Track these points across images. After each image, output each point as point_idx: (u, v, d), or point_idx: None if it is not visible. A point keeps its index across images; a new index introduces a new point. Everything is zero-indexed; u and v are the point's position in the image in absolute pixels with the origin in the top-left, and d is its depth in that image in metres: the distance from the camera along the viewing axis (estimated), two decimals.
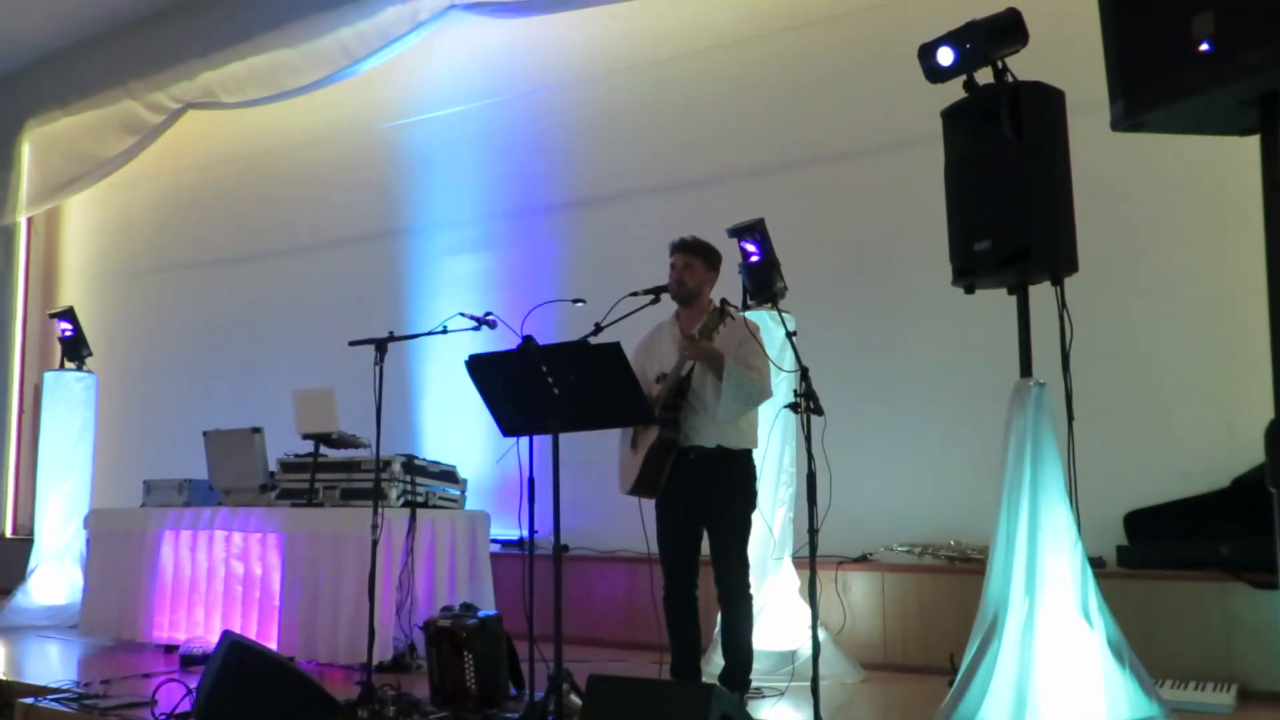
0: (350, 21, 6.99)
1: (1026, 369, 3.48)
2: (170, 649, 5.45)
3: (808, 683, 3.43)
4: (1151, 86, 2.32)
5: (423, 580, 5.00)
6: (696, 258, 4.03)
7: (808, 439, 3.48)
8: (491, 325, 4.24)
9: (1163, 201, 4.92)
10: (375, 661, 4.17)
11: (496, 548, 5.72)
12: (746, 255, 4.64)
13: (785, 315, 4.03)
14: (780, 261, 4.65)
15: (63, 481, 7.13)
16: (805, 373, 3.59)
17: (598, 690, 3.15)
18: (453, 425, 6.81)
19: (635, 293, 3.91)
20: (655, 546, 4.00)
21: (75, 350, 7.21)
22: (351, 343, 4.37)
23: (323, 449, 5.46)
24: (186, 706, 3.80)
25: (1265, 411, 2.21)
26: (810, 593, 3.44)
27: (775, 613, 4.62)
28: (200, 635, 5.36)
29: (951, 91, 3.60)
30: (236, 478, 5.69)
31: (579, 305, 4.15)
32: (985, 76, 3.52)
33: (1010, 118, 3.37)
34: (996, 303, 3.68)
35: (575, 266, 6.62)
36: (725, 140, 6.18)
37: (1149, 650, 3.51)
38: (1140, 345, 4.88)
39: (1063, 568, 3.25)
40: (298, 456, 5.56)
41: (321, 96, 7.54)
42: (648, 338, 4.15)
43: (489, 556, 5.43)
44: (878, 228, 5.63)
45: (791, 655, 4.50)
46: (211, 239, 8.48)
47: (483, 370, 3.62)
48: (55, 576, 6.91)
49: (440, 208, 7.30)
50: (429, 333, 4.51)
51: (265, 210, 8.17)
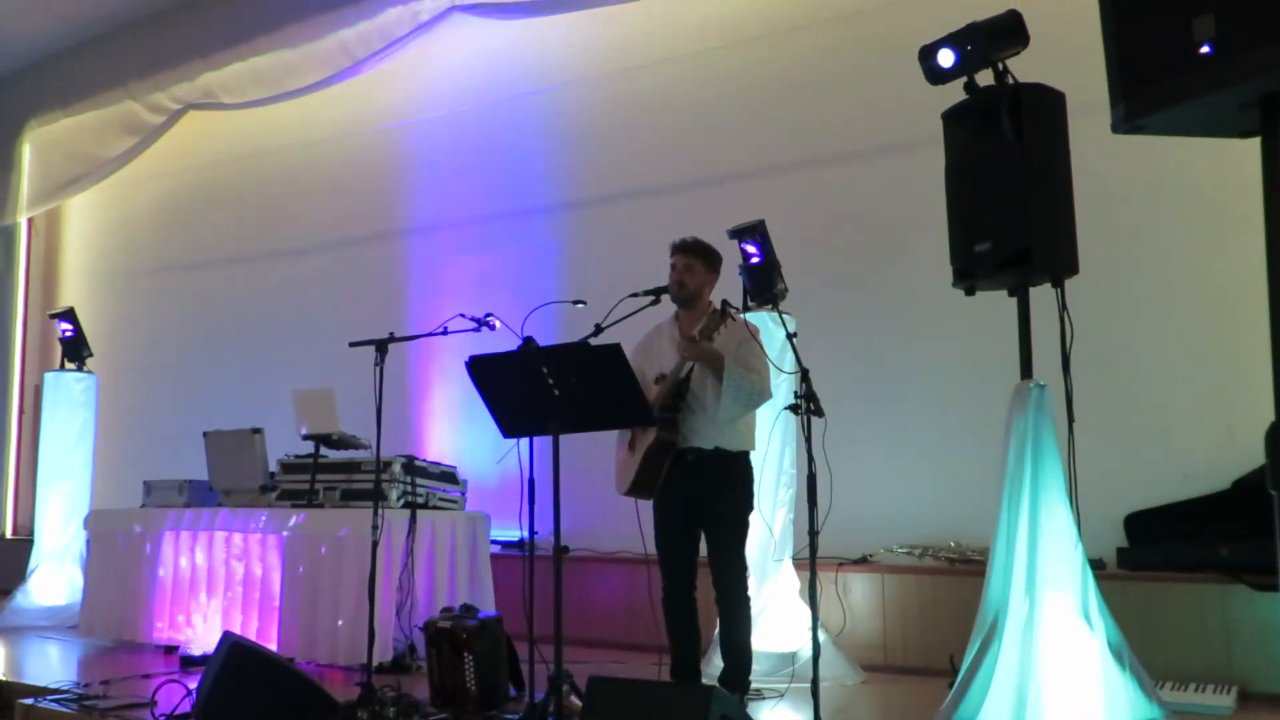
0: (351, 22, 7.00)
1: (1027, 370, 3.48)
2: (170, 650, 5.45)
3: (808, 684, 3.44)
4: (1152, 88, 2.32)
5: (423, 581, 5.00)
6: (697, 259, 4.03)
7: (808, 440, 3.48)
8: (491, 327, 4.24)
9: (1163, 203, 4.92)
10: (375, 662, 4.17)
11: (497, 549, 5.71)
12: (747, 256, 4.64)
13: (786, 317, 4.03)
14: (781, 263, 4.66)
15: (63, 482, 7.12)
16: (805, 374, 3.60)
17: (598, 691, 3.15)
18: (453, 426, 6.81)
19: (635, 294, 3.91)
20: (653, 548, 4.00)
21: (76, 351, 7.21)
22: (352, 344, 4.37)
23: (323, 450, 5.46)
24: (186, 707, 3.80)
25: (1266, 413, 2.20)
26: (810, 594, 3.44)
27: (775, 614, 4.62)
28: (200, 636, 5.37)
29: (952, 93, 3.61)
30: (237, 478, 5.70)
31: (579, 306, 4.15)
32: (986, 78, 3.52)
33: (1011, 119, 3.37)
34: (997, 304, 3.68)
35: (576, 267, 6.62)
36: (726, 141, 6.18)
37: (1149, 652, 3.50)
38: (1141, 347, 4.89)
39: (1063, 569, 3.25)
40: (298, 457, 5.56)
41: (322, 97, 7.55)
42: (646, 339, 4.15)
43: (489, 558, 5.43)
44: (878, 229, 5.63)
45: (792, 657, 4.50)
46: (212, 240, 8.48)
47: (483, 371, 3.62)
48: (55, 577, 6.91)
49: (441, 209, 7.30)
50: (429, 334, 4.51)
51: (266, 211, 8.18)
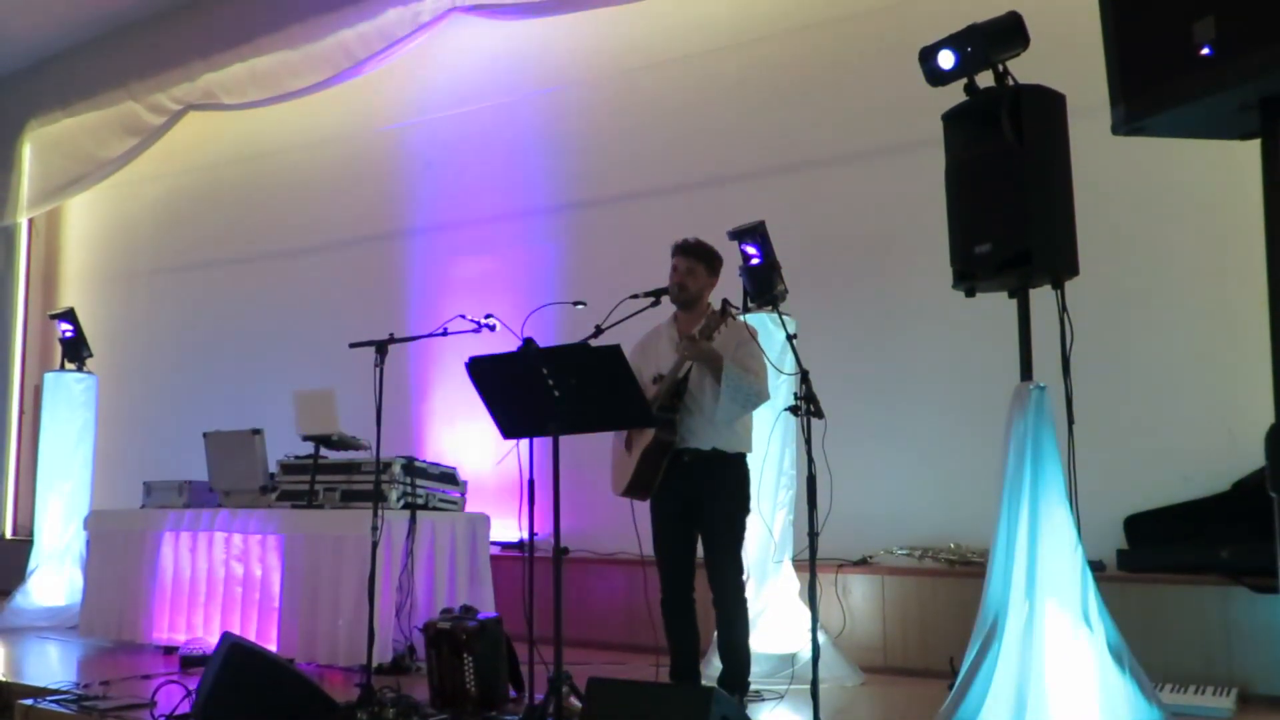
0: (352, 23, 7.00)
1: (1027, 372, 3.48)
2: (170, 650, 5.45)
3: (807, 686, 3.43)
4: (1152, 90, 2.32)
5: (422, 582, 5.00)
6: (699, 262, 4.02)
7: (808, 442, 3.48)
8: (491, 328, 4.24)
9: (1163, 205, 4.92)
10: (375, 663, 4.17)
11: (496, 550, 5.71)
12: (747, 258, 4.64)
13: (786, 318, 4.03)
14: (781, 264, 4.66)
15: (63, 482, 7.12)
16: (806, 375, 3.60)
17: (597, 693, 3.15)
18: (453, 427, 6.81)
19: (636, 295, 3.91)
20: (648, 549, 3.99)
21: (76, 351, 7.21)
22: (352, 345, 4.37)
23: (323, 451, 5.46)
24: (186, 708, 3.79)
25: (1266, 415, 2.21)
26: (810, 596, 3.44)
27: (775, 615, 4.61)
28: (200, 637, 5.36)
29: (952, 95, 3.60)
30: (237, 479, 5.70)
31: (579, 307, 4.15)
32: (986, 80, 3.52)
33: (1011, 121, 3.37)
34: (997, 306, 3.68)
35: (576, 268, 6.62)
36: (726, 142, 6.18)
37: (1149, 654, 3.50)
38: (1141, 349, 4.88)
39: (1063, 571, 3.25)
40: (298, 458, 5.56)
41: (323, 98, 7.55)
42: (645, 339, 4.14)
43: (489, 559, 5.42)
44: (878, 231, 5.63)
45: (791, 658, 4.50)
46: (212, 240, 8.48)
47: (483, 372, 3.62)
48: (55, 578, 6.90)
49: (441, 210, 7.30)
50: (429, 335, 4.51)
51: (266, 212, 8.17)
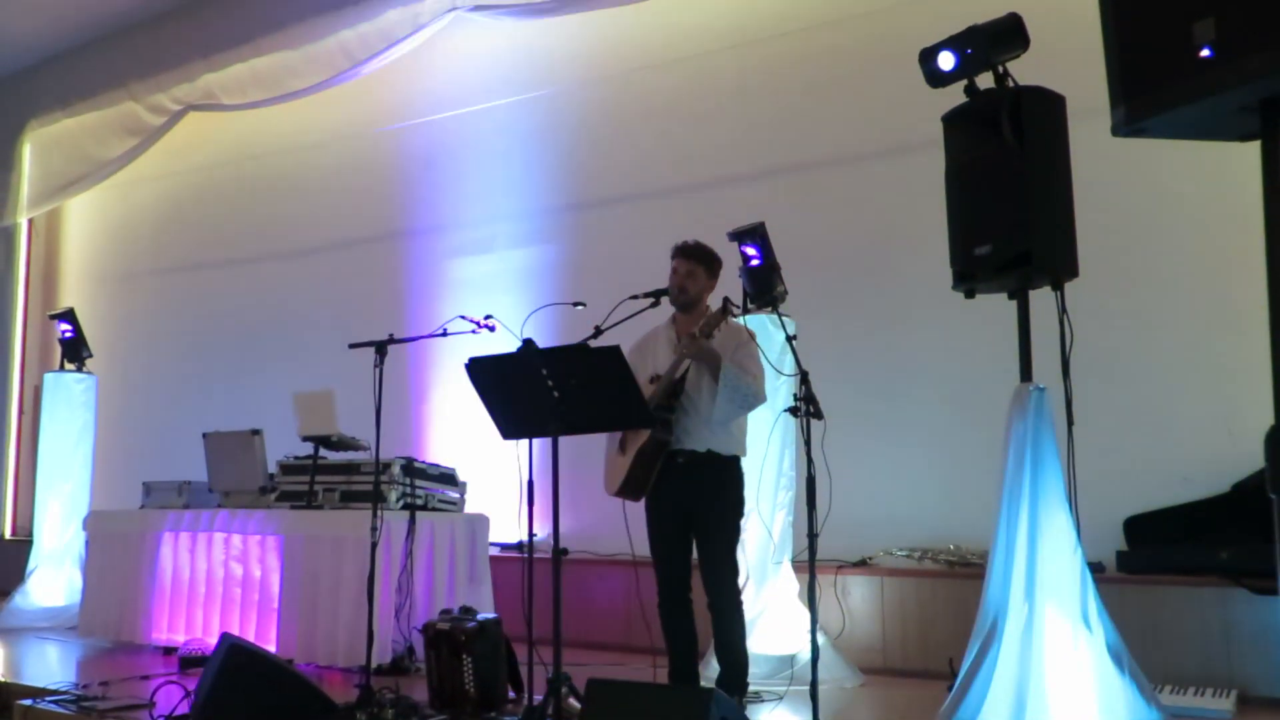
0: (352, 24, 7.00)
1: (1026, 374, 3.48)
2: (169, 651, 5.45)
3: (807, 687, 3.43)
4: (1152, 92, 2.32)
5: (422, 583, 4.99)
6: (699, 265, 4.01)
7: (807, 443, 3.48)
8: (491, 329, 4.24)
9: (1163, 207, 4.92)
10: (374, 664, 4.17)
11: (495, 551, 5.71)
12: (747, 259, 4.64)
13: (785, 319, 4.03)
14: (781, 265, 4.66)
15: (62, 483, 7.13)
16: (805, 376, 3.59)
17: (596, 694, 3.15)
18: (452, 428, 6.81)
19: (635, 295, 3.91)
20: (640, 549, 3.96)
21: (75, 352, 7.21)
22: (351, 345, 4.37)
23: (322, 451, 5.46)
24: (185, 709, 3.80)
25: (1265, 416, 2.20)
26: (809, 597, 3.44)
27: (774, 617, 4.61)
28: (199, 637, 5.36)
29: (952, 96, 3.60)
30: (236, 480, 5.69)
31: (579, 308, 4.15)
32: (986, 81, 3.52)
33: (1011, 122, 3.37)
34: (997, 307, 3.68)
35: (575, 269, 6.62)
36: (726, 144, 6.18)
37: (1148, 655, 3.51)
38: (1140, 350, 4.88)
39: (1062, 572, 3.25)
40: (297, 459, 5.55)
41: (322, 99, 7.55)
42: (643, 340, 4.12)
43: (488, 559, 5.42)
44: (878, 232, 5.63)
45: (791, 659, 4.50)
46: (212, 241, 8.48)
47: (482, 373, 3.62)
48: (54, 578, 6.90)
49: (441, 210, 7.30)
50: (429, 335, 4.51)
51: (266, 212, 8.17)
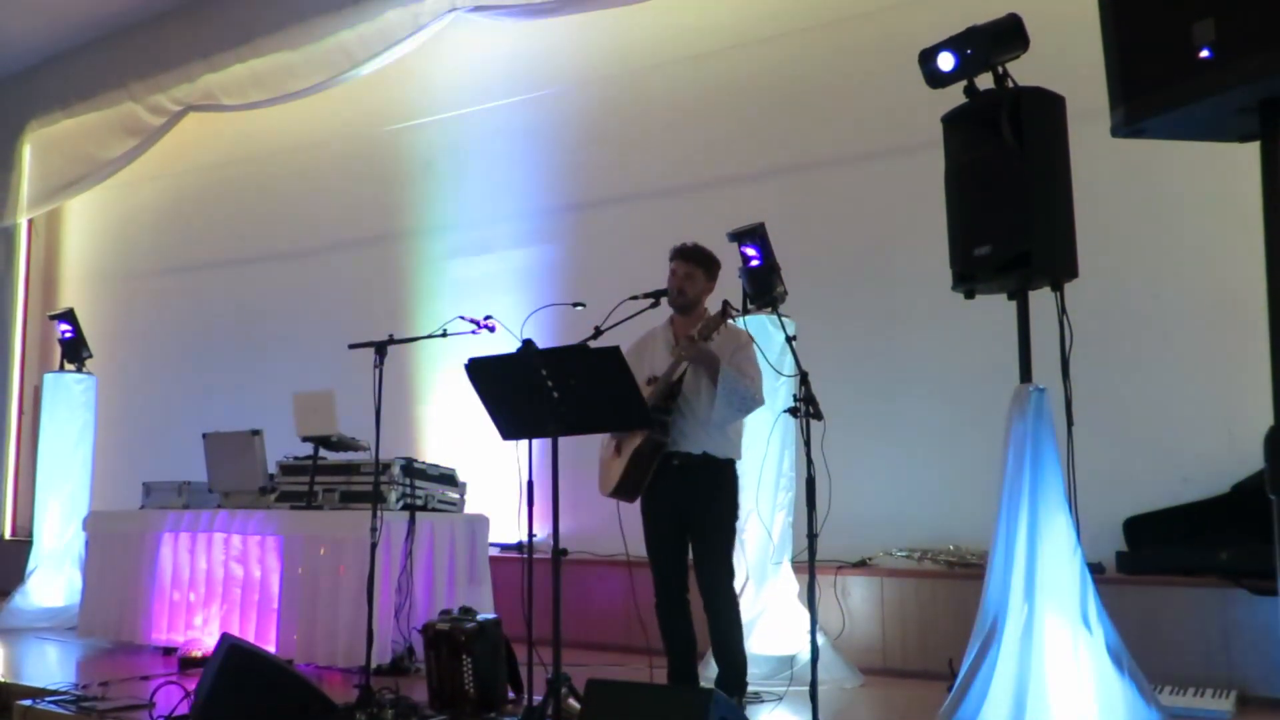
0: (352, 24, 7.00)
1: (1026, 374, 3.48)
2: (169, 651, 5.45)
3: (806, 687, 3.43)
4: (1152, 93, 2.32)
5: (421, 583, 4.99)
6: (698, 268, 4.01)
7: (807, 443, 3.48)
8: (491, 329, 4.24)
9: (1163, 207, 4.92)
10: (374, 664, 4.17)
11: (495, 551, 5.71)
12: (747, 259, 4.63)
13: (785, 320, 4.03)
14: (780, 266, 4.66)
15: (62, 483, 7.12)
16: (805, 377, 3.59)
17: (596, 694, 3.15)
18: (452, 428, 6.81)
19: (635, 296, 3.91)
20: (634, 550, 3.97)
21: (75, 352, 7.21)
22: (351, 345, 4.37)
23: (322, 452, 5.46)
24: (184, 709, 3.80)
25: (1265, 417, 2.20)
26: (809, 597, 3.45)
27: (774, 617, 4.61)
28: (199, 638, 5.36)
29: (952, 97, 3.60)
30: (236, 480, 5.69)
31: (579, 309, 4.15)
32: (986, 82, 3.52)
33: (1011, 123, 3.37)
34: (996, 308, 3.68)
35: (575, 269, 6.62)
36: (726, 144, 6.18)
37: (1148, 656, 3.50)
38: (1140, 351, 4.89)
39: (1062, 573, 3.25)
40: (297, 459, 5.55)
41: (322, 99, 7.55)
42: (640, 341, 4.11)
43: (488, 560, 5.42)
44: (878, 233, 5.63)
45: (790, 660, 4.50)
46: (211, 241, 8.48)
47: (482, 374, 3.62)
48: (54, 578, 6.90)
49: (441, 210, 7.30)
50: (428, 336, 4.51)
51: (266, 213, 8.17)
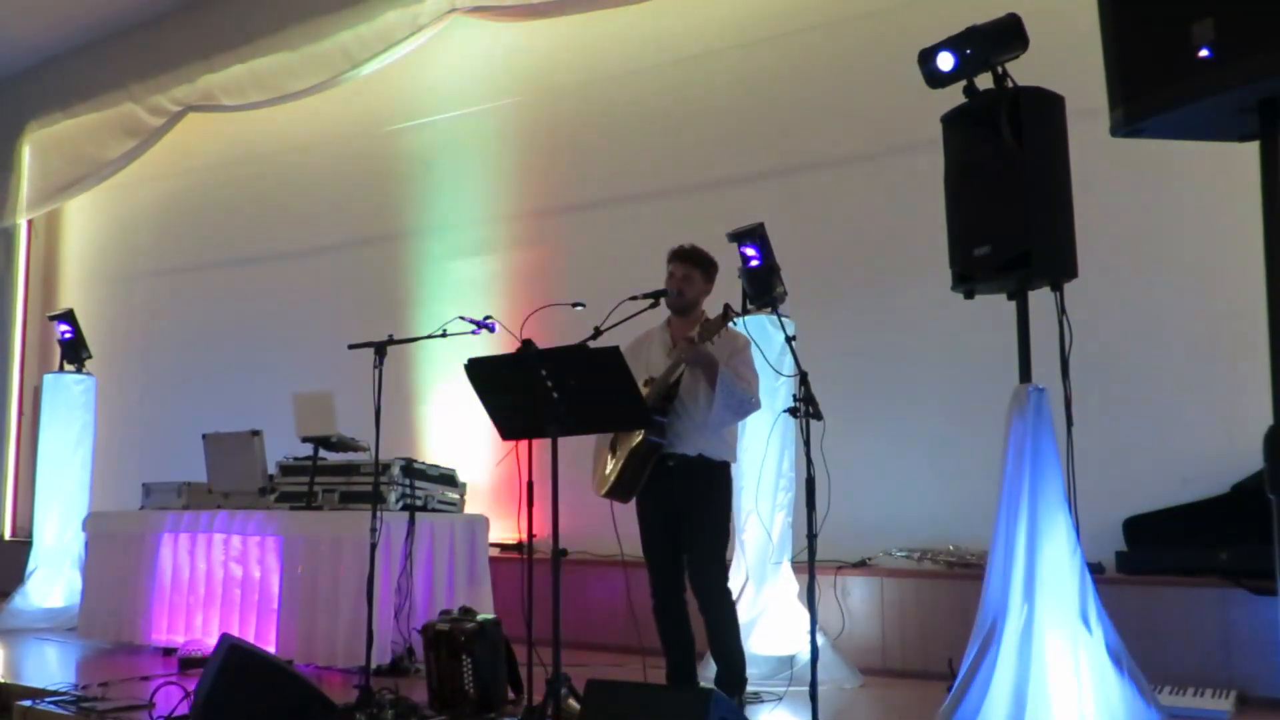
0: (351, 25, 7.02)
1: (1026, 374, 3.48)
2: (169, 652, 5.45)
3: (806, 688, 3.43)
4: (1151, 92, 2.32)
5: (421, 584, 4.99)
6: (696, 269, 4.01)
7: (807, 444, 3.47)
8: (490, 329, 4.24)
9: (1162, 207, 4.92)
10: (373, 665, 4.17)
11: (495, 551, 5.71)
12: (746, 260, 4.63)
13: (785, 320, 4.03)
14: (780, 266, 4.66)
15: (62, 484, 7.12)
16: (805, 377, 3.59)
17: (596, 694, 3.15)
18: (452, 429, 6.81)
19: (635, 296, 3.91)
20: (630, 550, 3.97)
21: (75, 353, 7.21)
22: (351, 346, 4.37)
23: (322, 452, 5.46)
24: (184, 709, 3.80)
25: (1265, 417, 2.20)
26: (809, 597, 3.44)
27: (774, 617, 4.61)
28: (198, 638, 5.36)
29: (952, 97, 3.60)
30: (236, 481, 5.69)
31: (579, 309, 4.14)
32: (985, 82, 3.52)
33: (1010, 123, 3.37)
34: (996, 308, 3.68)
35: (575, 270, 6.61)
36: (725, 144, 6.18)
37: (1148, 656, 3.50)
38: (1140, 351, 4.88)
39: (1061, 573, 3.24)
40: (297, 460, 5.55)
41: (322, 100, 7.55)
42: (637, 342, 4.11)
43: (488, 560, 5.43)
44: (877, 233, 5.63)
45: (790, 660, 4.50)
46: (211, 242, 8.48)
47: (482, 374, 3.62)
48: (54, 579, 6.90)
49: (441, 211, 7.30)
50: (428, 336, 4.51)
51: (265, 213, 8.17)
